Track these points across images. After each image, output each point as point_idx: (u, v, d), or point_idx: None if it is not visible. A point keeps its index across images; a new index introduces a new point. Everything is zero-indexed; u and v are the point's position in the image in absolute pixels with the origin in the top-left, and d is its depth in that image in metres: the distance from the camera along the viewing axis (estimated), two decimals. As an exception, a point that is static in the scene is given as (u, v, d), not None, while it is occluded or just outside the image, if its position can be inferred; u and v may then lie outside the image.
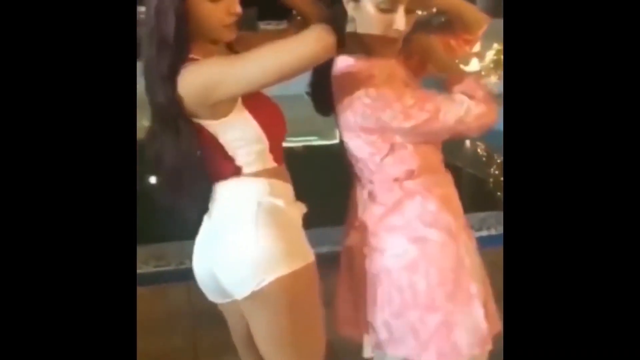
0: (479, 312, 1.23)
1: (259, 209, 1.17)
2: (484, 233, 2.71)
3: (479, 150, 6.43)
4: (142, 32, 1.08)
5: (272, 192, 1.19)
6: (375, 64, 1.14)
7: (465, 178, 5.67)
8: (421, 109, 1.08)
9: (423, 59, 1.25)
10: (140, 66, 1.07)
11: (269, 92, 1.21)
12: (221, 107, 1.13)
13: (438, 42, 1.24)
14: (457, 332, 1.20)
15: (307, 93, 1.27)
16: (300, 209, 1.27)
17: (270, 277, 1.13)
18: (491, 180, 5.25)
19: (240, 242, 1.17)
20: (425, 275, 1.20)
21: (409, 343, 1.22)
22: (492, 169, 5.66)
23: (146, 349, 1.98)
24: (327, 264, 1.33)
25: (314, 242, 1.34)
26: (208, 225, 1.29)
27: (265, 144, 1.19)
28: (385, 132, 1.14)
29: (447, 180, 1.31)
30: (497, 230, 2.74)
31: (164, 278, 2.48)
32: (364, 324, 1.30)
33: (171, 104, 1.11)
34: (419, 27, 1.21)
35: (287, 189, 1.25)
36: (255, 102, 1.17)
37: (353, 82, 1.12)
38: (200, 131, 1.17)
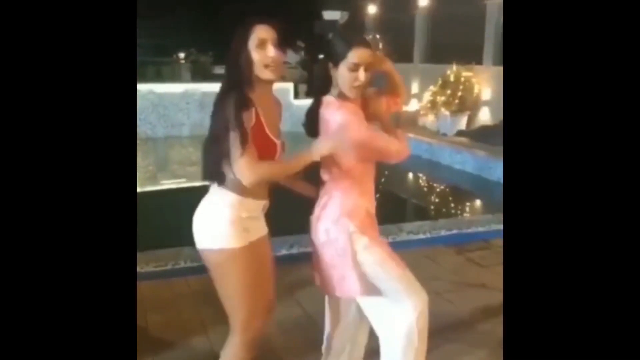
0: None
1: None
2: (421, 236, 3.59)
3: (420, 182, 7.14)
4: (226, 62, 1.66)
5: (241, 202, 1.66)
6: (345, 104, 1.75)
7: (409, 207, 6.34)
8: (364, 132, 1.71)
9: (373, 110, 1.90)
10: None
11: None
12: None
13: (383, 100, 1.94)
14: None
15: (303, 124, 1.85)
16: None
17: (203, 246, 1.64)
18: (432, 207, 5.88)
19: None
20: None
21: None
22: (432, 197, 6.38)
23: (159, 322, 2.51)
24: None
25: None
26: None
27: None
28: None
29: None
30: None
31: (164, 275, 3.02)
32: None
33: (228, 118, 1.55)
34: (375, 89, 1.95)
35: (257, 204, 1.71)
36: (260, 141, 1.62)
37: (331, 112, 1.75)
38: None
